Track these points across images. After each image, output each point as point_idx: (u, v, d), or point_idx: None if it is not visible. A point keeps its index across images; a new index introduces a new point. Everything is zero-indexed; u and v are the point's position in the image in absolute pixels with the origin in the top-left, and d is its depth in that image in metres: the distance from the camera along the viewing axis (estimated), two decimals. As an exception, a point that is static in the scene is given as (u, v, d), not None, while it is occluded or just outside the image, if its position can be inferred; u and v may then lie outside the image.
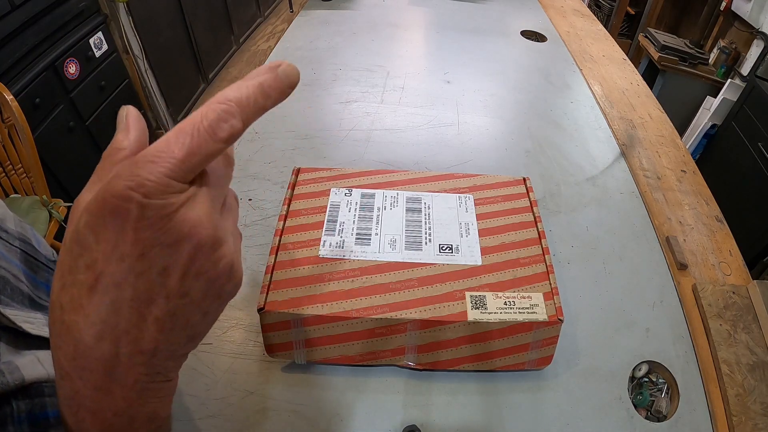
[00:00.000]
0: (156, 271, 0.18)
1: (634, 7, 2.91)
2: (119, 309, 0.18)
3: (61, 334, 0.19)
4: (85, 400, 0.20)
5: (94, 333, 0.18)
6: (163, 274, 0.18)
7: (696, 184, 0.71)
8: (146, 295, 0.18)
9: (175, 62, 2.16)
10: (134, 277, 0.18)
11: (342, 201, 0.50)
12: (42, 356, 0.26)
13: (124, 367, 0.19)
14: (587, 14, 1.28)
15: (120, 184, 0.17)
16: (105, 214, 0.17)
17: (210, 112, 0.18)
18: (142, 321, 0.18)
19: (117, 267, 0.17)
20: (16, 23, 1.27)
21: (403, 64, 0.97)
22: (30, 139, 1.14)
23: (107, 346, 0.18)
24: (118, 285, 0.18)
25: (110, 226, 0.17)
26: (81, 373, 0.19)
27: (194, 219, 0.18)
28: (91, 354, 0.19)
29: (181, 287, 0.19)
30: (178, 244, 0.18)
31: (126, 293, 0.18)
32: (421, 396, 0.44)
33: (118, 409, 0.20)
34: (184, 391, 0.43)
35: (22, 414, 0.23)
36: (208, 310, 0.21)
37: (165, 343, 0.20)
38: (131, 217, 0.17)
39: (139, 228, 0.17)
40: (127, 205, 0.17)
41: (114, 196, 0.17)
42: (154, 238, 0.17)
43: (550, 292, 0.42)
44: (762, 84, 1.71)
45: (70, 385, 0.20)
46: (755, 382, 0.46)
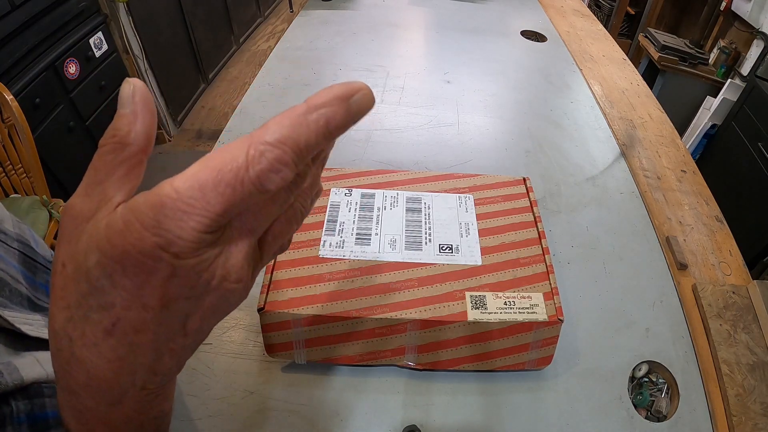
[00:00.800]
0: (179, 319, 0.17)
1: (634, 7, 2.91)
2: (137, 349, 0.17)
3: (71, 363, 0.18)
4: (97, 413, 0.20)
5: (111, 369, 0.18)
6: (185, 320, 0.17)
7: (696, 184, 0.71)
8: (165, 337, 0.17)
9: (175, 62, 2.16)
10: (156, 325, 0.17)
11: (342, 201, 0.50)
12: (41, 357, 0.26)
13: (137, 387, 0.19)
14: (587, 14, 1.28)
15: (148, 241, 0.15)
16: (126, 265, 0.15)
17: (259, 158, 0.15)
18: (159, 356, 0.18)
19: (138, 315, 0.16)
20: (16, 23, 1.28)
21: (403, 64, 0.97)
22: (30, 139, 1.14)
23: (123, 378, 0.18)
24: (137, 331, 0.17)
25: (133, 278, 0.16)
26: (93, 394, 0.19)
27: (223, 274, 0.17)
28: (105, 385, 0.18)
29: (201, 326, 0.18)
30: (204, 296, 0.17)
31: (146, 337, 0.17)
32: (421, 396, 0.44)
33: (129, 416, 0.20)
34: (184, 391, 0.43)
35: (21, 415, 0.23)
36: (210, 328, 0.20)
37: (177, 365, 0.19)
38: (159, 276, 0.15)
39: (167, 285, 0.16)
40: (155, 264, 0.15)
41: (141, 253, 0.15)
42: (181, 293, 0.16)
43: (550, 292, 0.42)
44: (762, 84, 1.70)
45: (79, 401, 0.19)
46: (755, 382, 0.46)
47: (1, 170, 1.14)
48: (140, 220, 0.15)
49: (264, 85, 0.88)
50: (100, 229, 0.16)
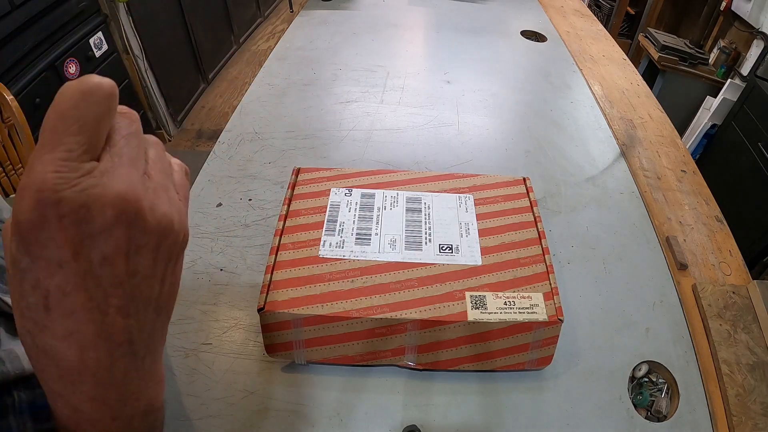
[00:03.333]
0: (97, 264, 0.17)
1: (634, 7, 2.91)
2: (79, 316, 0.17)
3: (40, 359, 0.19)
4: (84, 413, 0.20)
5: (68, 347, 0.18)
6: (105, 264, 0.17)
7: (696, 184, 0.71)
8: (97, 291, 0.17)
9: (175, 62, 2.16)
10: (80, 278, 0.17)
11: (342, 201, 0.50)
12: None
13: (108, 366, 0.19)
14: (587, 14, 1.28)
15: (28, 198, 0.16)
16: (29, 229, 0.16)
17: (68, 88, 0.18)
18: (105, 317, 0.18)
19: (60, 277, 0.17)
20: (16, 23, 1.28)
21: (403, 64, 0.97)
22: (30, 139, 1.14)
23: (85, 354, 0.18)
24: (66, 294, 0.17)
25: (38, 239, 0.16)
26: (73, 389, 0.19)
27: (113, 196, 0.17)
28: (74, 368, 0.18)
29: (128, 269, 0.18)
30: (106, 230, 0.17)
31: (79, 298, 0.17)
32: (421, 396, 0.44)
33: (116, 412, 0.20)
34: (184, 391, 0.43)
35: (23, 404, 0.23)
36: (164, 276, 0.20)
37: (136, 327, 0.19)
38: (52, 219, 0.16)
39: (63, 227, 0.16)
40: (41, 211, 0.16)
41: (29, 211, 0.16)
42: (81, 232, 0.16)
43: (550, 292, 0.42)
44: (762, 84, 1.70)
45: (66, 402, 0.20)
46: (755, 382, 0.46)
47: (1, 170, 1.14)
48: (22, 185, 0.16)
49: (264, 85, 0.88)
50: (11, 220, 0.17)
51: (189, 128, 2.26)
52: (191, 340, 0.47)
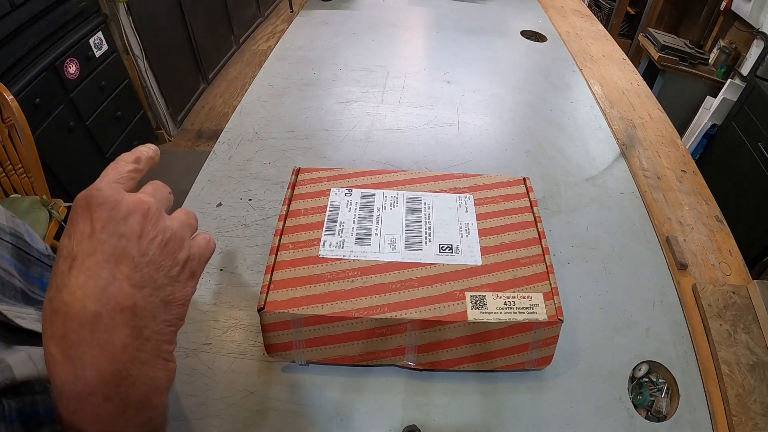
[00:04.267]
0: (116, 237, 0.23)
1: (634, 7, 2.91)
2: (93, 272, 0.22)
3: (51, 320, 0.21)
4: (76, 385, 0.21)
5: (78, 298, 0.21)
6: (122, 239, 0.23)
7: (696, 184, 0.71)
8: (112, 256, 0.22)
9: (175, 62, 2.16)
10: (100, 244, 0.22)
11: (342, 201, 0.50)
12: (33, 354, 0.26)
13: (109, 327, 0.21)
14: (587, 14, 1.28)
15: (81, 194, 0.24)
16: (73, 218, 0.23)
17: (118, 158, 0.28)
18: (114, 278, 0.22)
19: (86, 243, 0.22)
20: (16, 23, 1.28)
21: (403, 64, 0.97)
22: (30, 139, 1.14)
23: (90, 304, 0.21)
24: (89, 255, 0.22)
25: (78, 221, 0.23)
26: (70, 351, 0.21)
27: (138, 198, 0.24)
28: (77, 320, 0.21)
29: (139, 247, 0.23)
30: (128, 216, 0.23)
31: (97, 258, 0.22)
32: (421, 396, 0.44)
33: (108, 392, 0.21)
34: (184, 391, 0.43)
35: (13, 412, 0.23)
36: (171, 275, 0.24)
37: (141, 301, 0.23)
38: (92, 204, 0.23)
39: (98, 209, 0.23)
40: (87, 200, 0.23)
41: (78, 199, 0.23)
42: (110, 216, 0.23)
43: (550, 292, 0.42)
44: (762, 84, 1.70)
45: (62, 373, 0.21)
46: (755, 382, 0.46)
47: (1, 170, 1.14)
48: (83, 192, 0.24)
49: (264, 85, 0.88)
50: None
51: (189, 128, 2.26)
52: (191, 340, 0.47)
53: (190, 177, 0.66)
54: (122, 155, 0.27)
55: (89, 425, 0.21)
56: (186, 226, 0.27)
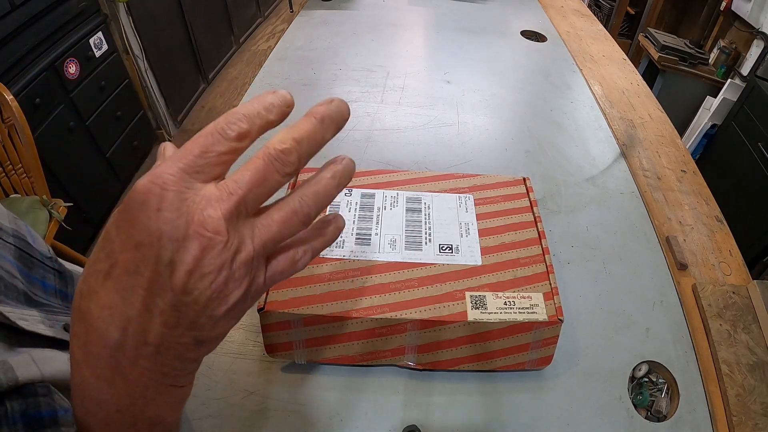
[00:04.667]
0: (164, 263, 0.18)
1: (634, 7, 2.91)
2: (128, 295, 0.19)
3: (77, 321, 0.20)
4: (91, 389, 0.21)
5: (104, 317, 0.19)
6: (169, 267, 0.18)
7: (696, 184, 0.71)
8: (153, 285, 0.19)
9: (175, 62, 2.16)
10: (144, 265, 0.18)
11: (342, 201, 0.50)
12: (36, 356, 0.26)
13: (130, 357, 0.20)
14: (587, 14, 1.28)
15: (143, 180, 0.18)
16: (129, 207, 0.19)
17: (221, 120, 0.20)
18: (147, 312, 0.19)
19: (130, 255, 0.19)
20: (16, 23, 1.27)
21: (403, 64, 0.97)
22: (30, 139, 1.14)
23: (114, 331, 0.19)
24: (129, 272, 0.19)
25: (131, 217, 0.18)
26: (89, 360, 0.20)
27: (203, 221, 0.19)
28: (99, 339, 0.19)
29: (186, 284, 0.19)
30: (185, 240, 0.18)
31: (135, 281, 0.19)
32: (421, 396, 0.44)
33: (121, 405, 0.21)
34: (184, 391, 0.43)
35: (16, 414, 0.23)
36: (215, 315, 0.20)
37: (170, 340, 0.20)
38: (149, 208, 0.18)
39: (154, 219, 0.18)
40: (146, 196, 0.18)
41: (137, 191, 0.18)
42: (165, 231, 0.18)
43: (550, 292, 0.42)
44: (762, 84, 1.70)
45: (79, 373, 0.21)
46: (755, 382, 0.46)
47: (1, 170, 1.14)
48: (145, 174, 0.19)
49: (264, 85, 0.88)
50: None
51: (189, 128, 2.26)
52: (191, 340, 0.47)
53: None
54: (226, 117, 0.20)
55: (99, 428, 0.21)
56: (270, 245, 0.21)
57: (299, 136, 0.21)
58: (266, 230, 0.21)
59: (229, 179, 0.20)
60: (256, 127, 0.21)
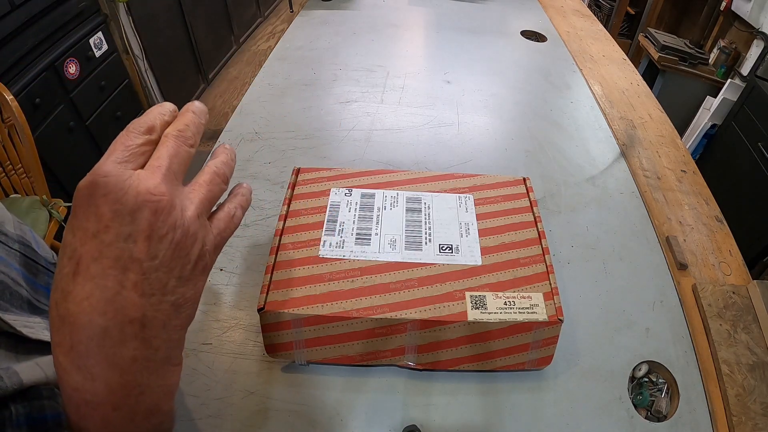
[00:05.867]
0: (122, 238, 0.20)
1: (634, 7, 2.91)
2: (99, 281, 0.20)
3: (58, 329, 0.20)
4: (84, 393, 0.21)
5: (83, 310, 0.20)
6: (129, 240, 0.20)
7: (696, 184, 0.71)
8: (119, 261, 0.20)
9: (175, 62, 2.16)
10: (105, 247, 0.20)
11: (342, 201, 0.50)
12: (40, 361, 0.26)
13: (117, 339, 0.20)
14: (587, 14, 1.28)
15: (83, 181, 0.21)
16: (77, 209, 0.21)
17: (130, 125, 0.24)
18: (122, 288, 0.20)
19: (91, 245, 0.20)
20: (16, 23, 1.27)
21: (403, 64, 0.97)
22: (30, 139, 1.14)
23: (97, 318, 0.20)
24: (94, 259, 0.20)
25: (81, 215, 0.20)
26: (78, 361, 0.20)
27: (147, 188, 0.21)
28: (84, 333, 0.20)
29: (149, 250, 0.21)
30: (135, 212, 0.20)
31: (102, 264, 0.20)
32: (421, 396, 0.44)
33: (118, 401, 0.21)
34: (184, 391, 0.43)
35: (20, 417, 0.23)
36: (182, 275, 0.22)
37: (150, 310, 0.21)
38: (97, 194, 0.20)
39: (102, 203, 0.20)
40: (92, 188, 0.20)
41: (81, 188, 0.21)
42: (116, 210, 0.20)
43: (550, 292, 0.42)
44: (762, 84, 1.70)
45: (70, 381, 0.21)
46: (755, 382, 0.46)
47: (1, 170, 1.14)
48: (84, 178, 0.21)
49: (264, 85, 0.88)
50: None
51: (189, 128, 2.25)
52: (191, 340, 0.47)
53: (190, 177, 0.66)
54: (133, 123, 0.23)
55: (98, 430, 0.21)
56: (206, 203, 0.24)
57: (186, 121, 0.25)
58: (198, 190, 0.24)
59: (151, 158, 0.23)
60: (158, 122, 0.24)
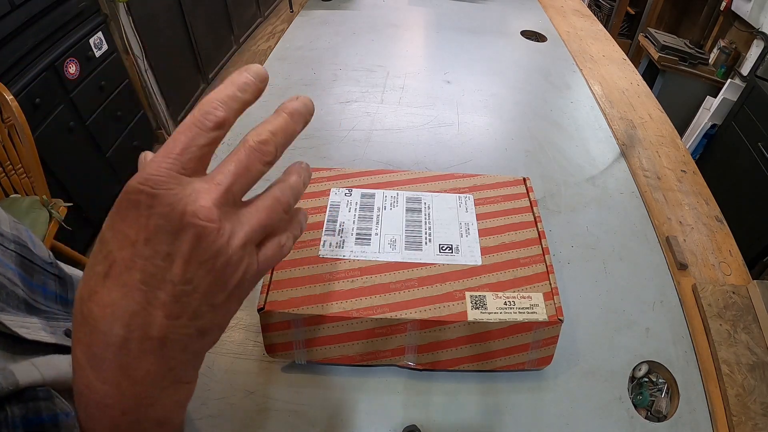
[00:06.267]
0: (161, 256, 0.19)
1: (634, 7, 2.91)
2: (128, 291, 0.19)
3: (80, 324, 0.20)
4: (95, 393, 0.21)
5: (106, 316, 0.19)
6: (167, 260, 0.19)
7: (696, 184, 0.71)
8: (152, 278, 0.19)
9: (175, 62, 2.16)
10: (142, 260, 0.19)
11: (342, 201, 0.50)
12: (37, 362, 0.26)
13: (135, 354, 0.20)
14: (587, 14, 1.28)
15: (133, 182, 0.19)
16: (121, 209, 0.19)
17: (196, 111, 0.21)
18: (149, 305, 0.19)
19: (127, 252, 0.19)
20: (16, 23, 1.27)
21: (403, 64, 0.97)
22: (30, 139, 1.14)
23: (118, 328, 0.19)
24: (127, 269, 0.19)
25: (124, 217, 0.19)
26: (93, 363, 0.20)
27: (195, 211, 0.19)
28: (103, 339, 0.20)
29: (185, 274, 0.20)
30: (180, 232, 0.19)
31: (134, 276, 0.19)
32: (421, 396, 0.44)
33: (127, 407, 0.21)
34: (184, 391, 0.43)
35: (16, 418, 0.23)
36: (215, 303, 0.21)
37: (174, 333, 0.20)
38: (142, 207, 0.19)
39: (147, 216, 0.19)
40: (137, 197, 0.19)
41: (127, 192, 0.19)
42: (160, 225, 0.19)
43: (550, 292, 0.42)
44: (762, 84, 1.70)
45: (83, 378, 0.21)
46: (755, 382, 0.46)
47: (1, 170, 1.14)
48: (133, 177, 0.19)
49: (264, 85, 0.88)
50: None
51: (189, 128, 2.25)
52: (191, 340, 0.47)
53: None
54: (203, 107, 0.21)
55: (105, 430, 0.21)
56: (258, 232, 0.22)
57: (274, 128, 0.22)
58: (255, 217, 0.22)
59: (215, 171, 0.21)
60: (233, 111, 0.21)
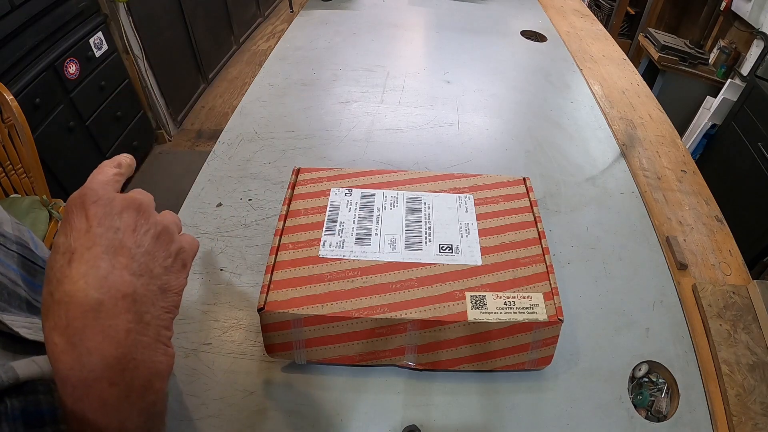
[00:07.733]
0: (112, 231, 0.24)
1: (634, 7, 2.91)
2: (94, 262, 0.23)
3: (54, 311, 0.22)
4: (81, 370, 0.21)
5: (80, 287, 0.22)
6: (118, 232, 0.24)
7: (696, 184, 0.71)
8: (111, 247, 0.24)
9: (175, 62, 2.16)
10: (97, 237, 0.24)
11: (342, 201, 0.50)
12: (37, 358, 0.26)
13: (113, 313, 0.22)
14: (587, 14, 1.28)
15: (76, 192, 0.25)
16: (70, 211, 0.24)
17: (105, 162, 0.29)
18: (114, 268, 0.23)
19: (83, 238, 0.24)
20: (16, 23, 1.28)
21: (403, 64, 0.97)
22: (30, 139, 1.14)
23: (93, 292, 0.22)
24: (87, 248, 0.23)
25: (74, 218, 0.24)
26: (75, 338, 0.21)
27: (130, 196, 0.26)
28: (81, 307, 0.22)
29: (135, 239, 0.25)
30: (122, 211, 0.25)
31: (96, 251, 0.23)
32: (421, 396, 0.44)
33: (113, 376, 0.22)
34: (184, 391, 0.43)
35: (16, 411, 0.23)
36: (165, 264, 0.26)
37: (141, 288, 0.24)
38: (87, 202, 0.24)
39: (93, 206, 0.24)
40: (81, 198, 0.25)
41: (74, 198, 0.25)
42: (105, 211, 0.24)
43: (550, 292, 0.42)
44: (762, 84, 1.70)
45: (65, 361, 0.21)
46: (755, 382, 0.46)
47: (1, 170, 1.14)
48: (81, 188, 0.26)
49: (264, 85, 0.88)
50: None
51: (189, 128, 2.26)
52: (191, 340, 0.47)
53: (190, 177, 0.66)
54: (103, 162, 0.29)
55: (94, 411, 0.22)
56: (173, 224, 0.29)
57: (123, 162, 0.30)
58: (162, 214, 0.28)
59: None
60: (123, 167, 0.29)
